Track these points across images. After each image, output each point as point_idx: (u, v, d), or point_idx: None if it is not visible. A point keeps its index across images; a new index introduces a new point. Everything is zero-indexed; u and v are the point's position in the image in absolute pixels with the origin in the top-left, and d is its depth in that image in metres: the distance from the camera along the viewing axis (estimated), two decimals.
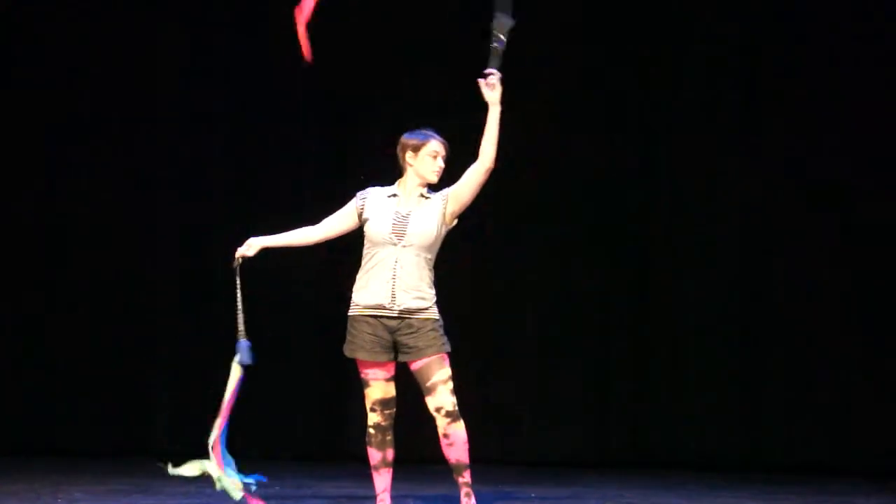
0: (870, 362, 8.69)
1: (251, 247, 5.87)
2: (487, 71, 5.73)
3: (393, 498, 5.94)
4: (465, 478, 5.84)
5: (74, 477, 7.85)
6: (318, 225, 5.93)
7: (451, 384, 5.77)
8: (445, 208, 5.81)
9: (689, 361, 8.94)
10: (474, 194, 5.82)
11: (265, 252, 5.91)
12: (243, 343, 5.83)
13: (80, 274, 9.34)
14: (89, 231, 9.36)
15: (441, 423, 5.76)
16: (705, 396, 8.90)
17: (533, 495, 7.35)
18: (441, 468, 8.51)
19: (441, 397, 5.74)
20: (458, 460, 5.81)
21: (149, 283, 9.35)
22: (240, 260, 5.87)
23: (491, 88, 5.72)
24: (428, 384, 5.76)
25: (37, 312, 9.31)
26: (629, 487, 7.78)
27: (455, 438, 5.77)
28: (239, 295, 5.85)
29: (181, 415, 9.15)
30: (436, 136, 5.83)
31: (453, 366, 8.85)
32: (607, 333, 9.07)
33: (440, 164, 5.80)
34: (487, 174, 5.78)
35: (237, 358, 5.82)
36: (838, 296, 8.75)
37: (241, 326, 5.84)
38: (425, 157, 5.79)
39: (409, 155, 5.81)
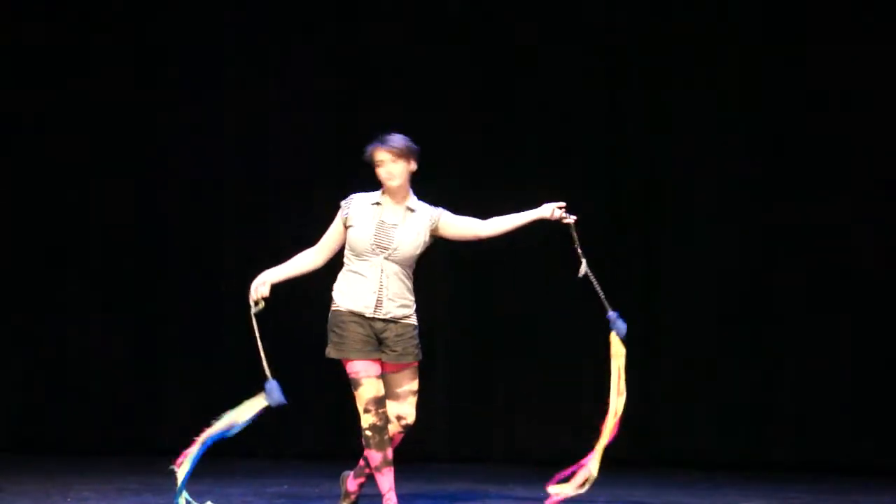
0: (874, 361, 8.69)
1: (265, 284, 5.87)
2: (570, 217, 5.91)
3: (399, 497, 5.95)
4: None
5: (84, 476, 7.88)
6: (316, 248, 5.94)
7: (417, 396, 5.91)
8: (433, 228, 5.86)
9: (694, 360, 8.95)
10: (457, 240, 5.95)
11: (270, 258, 5.94)
12: (272, 384, 5.83)
13: (90, 275, 9.37)
14: (99, 231, 9.39)
15: (394, 428, 5.88)
16: (711, 395, 8.90)
17: (542, 494, 7.35)
18: (444, 467, 8.59)
19: (407, 408, 5.90)
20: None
21: (158, 282, 9.38)
22: (261, 303, 5.85)
23: (562, 220, 5.91)
24: (398, 391, 5.88)
25: (45, 312, 9.34)
26: (638, 486, 7.79)
27: (395, 444, 5.91)
28: (258, 337, 5.83)
29: (191, 414, 9.15)
30: (381, 143, 5.79)
31: (455, 367, 8.95)
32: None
33: (387, 169, 5.78)
34: (477, 240, 5.94)
35: (266, 398, 5.80)
36: (842, 294, 8.75)
37: (266, 368, 5.84)
38: (376, 167, 5.81)
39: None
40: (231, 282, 9.12)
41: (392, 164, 5.78)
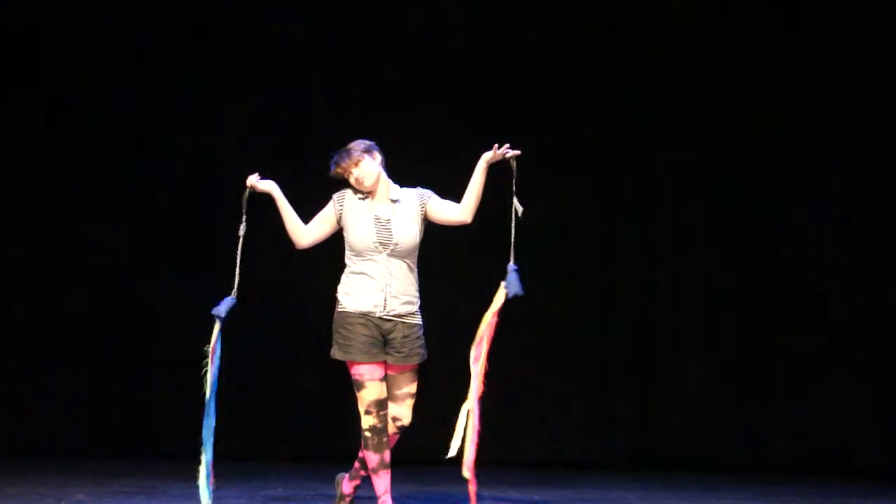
0: (871, 362, 8.70)
1: (267, 183, 5.94)
2: (512, 151, 5.77)
3: (394, 499, 5.95)
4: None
5: (78, 478, 7.85)
6: (307, 228, 5.94)
7: (415, 399, 5.94)
8: (423, 211, 5.86)
9: (690, 362, 8.95)
10: (442, 224, 5.91)
11: (269, 258, 5.95)
12: (230, 298, 5.91)
13: (85, 275, 9.35)
14: (91, 232, 9.37)
15: (389, 429, 5.89)
16: (707, 397, 8.91)
17: (536, 497, 7.36)
18: (442, 469, 8.58)
19: (405, 410, 5.93)
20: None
21: (153, 283, 9.36)
22: (248, 190, 5.93)
23: (508, 157, 5.78)
24: (398, 392, 5.90)
25: (40, 313, 9.32)
26: (631, 489, 7.80)
27: (391, 444, 5.91)
28: (244, 227, 5.97)
29: (185, 416, 9.14)
30: (336, 161, 5.83)
31: (454, 367, 8.92)
32: (609, 335, 9.08)
33: (355, 176, 5.80)
34: (459, 225, 5.88)
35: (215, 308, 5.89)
36: (839, 296, 8.76)
37: (236, 274, 5.93)
38: (347, 179, 5.85)
39: None
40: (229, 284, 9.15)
41: (356, 170, 5.81)
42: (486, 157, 5.79)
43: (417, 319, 5.89)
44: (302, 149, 9.26)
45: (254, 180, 5.95)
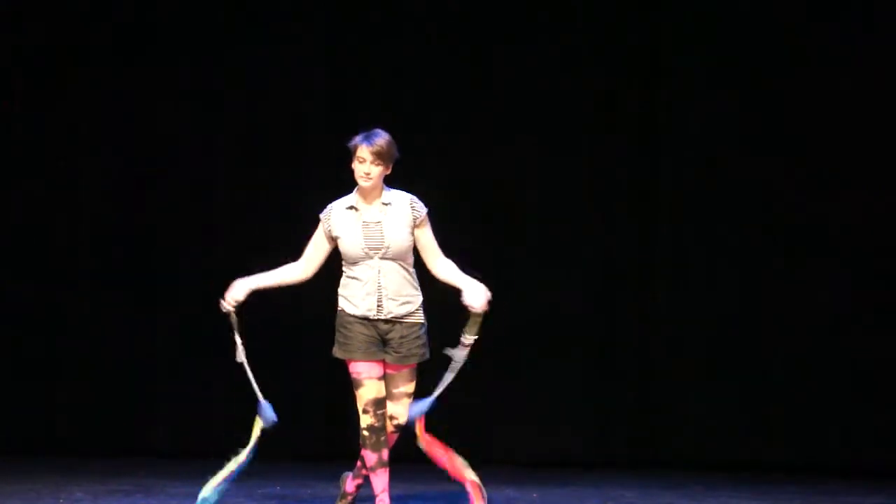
0: (870, 362, 8.69)
1: (238, 289, 5.86)
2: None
3: (392, 498, 5.95)
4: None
5: (76, 477, 7.87)
6: (302, 261, 5.95)
7: (412, 398, 5.92)
8: (413, 223, 5.83)
9: (689, 361, 8.95)
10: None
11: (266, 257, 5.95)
12: (264, 404, 5.94)
13: (81, 273, 9.35)
14: (90, 230, 9.36)
15: (388, 428, 5.90)
16: (706, 396, 8.90)
17: (535, 496, 7.36)
18: (437, 468, 8.57)
19: (401, 409, 5.91)
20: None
21: (150, 281, 9.35)
22: (231, 308, 5.85)
23: (469, 307, 5.82)
24: (395, 391, 5.91)
25: (38, 311, 9.32)
26: (630, 487, 7.80)
27: (390, 443, 5.92)
28: (241, 349, 5.89)
29: (183, 415, 9.16)
30: (366, 140, 5.76)
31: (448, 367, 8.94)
32: (608, 333, 9.08)
33: (365, 169, 5.75)
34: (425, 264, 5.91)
35: (261, 419, 5.95)
36: (839, 296, 8.75)
37: (255, 387, 5.93)
38: (354, 161, 5.79)
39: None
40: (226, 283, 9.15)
41: (371, 166, 5.77)
42: (466, 289, 5.84)
43: (418, 318, 5.89)
44: (302, 149, 9.27)
45: (230, 301, 5.86)
